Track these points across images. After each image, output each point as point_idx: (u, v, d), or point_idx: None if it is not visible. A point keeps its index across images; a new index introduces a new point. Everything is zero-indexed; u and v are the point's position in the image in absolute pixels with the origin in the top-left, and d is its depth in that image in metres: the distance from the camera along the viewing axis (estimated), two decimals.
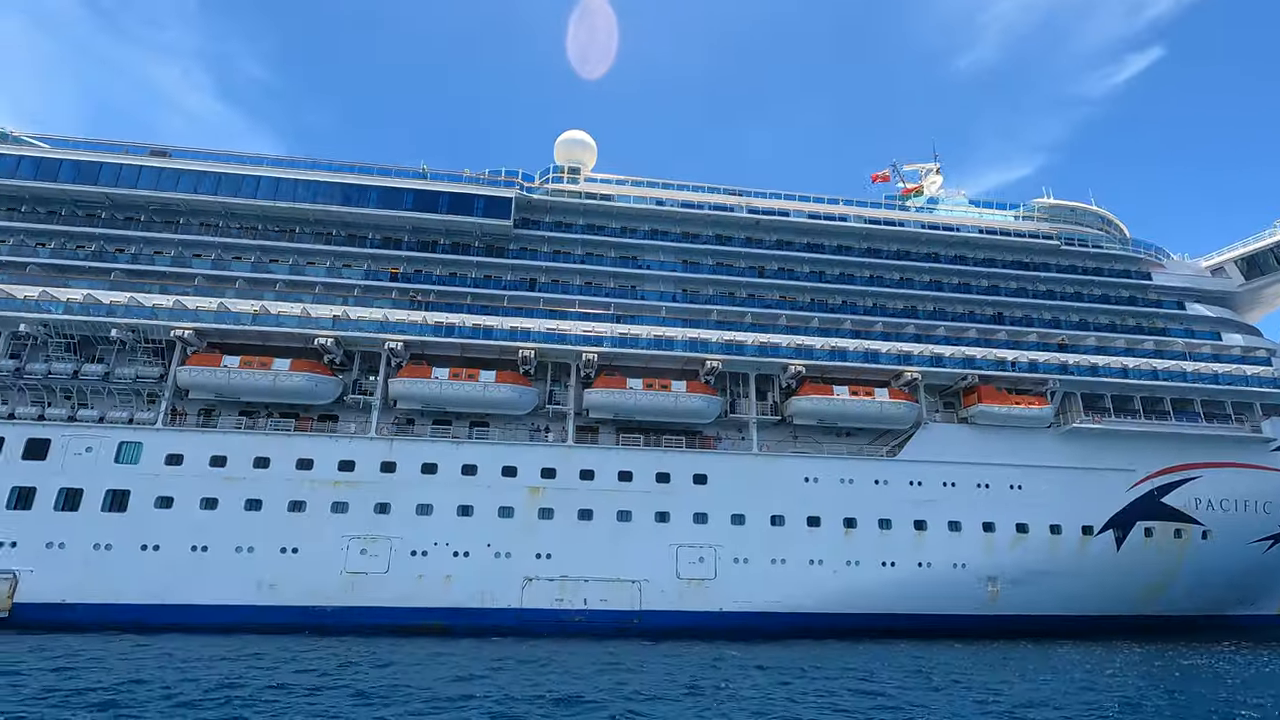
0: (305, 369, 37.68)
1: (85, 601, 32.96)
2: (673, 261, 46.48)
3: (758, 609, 37.15)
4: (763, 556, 38.15)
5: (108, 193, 40.67)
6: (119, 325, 36.92)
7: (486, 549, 36.36)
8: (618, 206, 46.54)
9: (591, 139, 50.95)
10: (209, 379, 36.94)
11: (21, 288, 37.53)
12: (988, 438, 42.38)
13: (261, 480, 35.79)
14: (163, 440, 36.05)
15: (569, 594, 36.31)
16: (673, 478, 38.95)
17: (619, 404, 39.72)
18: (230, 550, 34.61)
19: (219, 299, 38.93)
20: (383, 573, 35.27)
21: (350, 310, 39.90)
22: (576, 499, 37.82)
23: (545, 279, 44.60)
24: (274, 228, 42.95)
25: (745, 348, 42.16)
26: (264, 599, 34.16)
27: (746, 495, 39.05)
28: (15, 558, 33.24)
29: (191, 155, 43.26)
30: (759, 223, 47.54)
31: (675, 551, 37.66)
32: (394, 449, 37.47)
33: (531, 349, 39.72)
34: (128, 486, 34.95)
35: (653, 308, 43.89)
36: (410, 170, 44.84)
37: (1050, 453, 42.54)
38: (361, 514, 36.00)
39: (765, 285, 46.39)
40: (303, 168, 43.61)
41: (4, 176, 39.92)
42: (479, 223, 43.56)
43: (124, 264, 40.23)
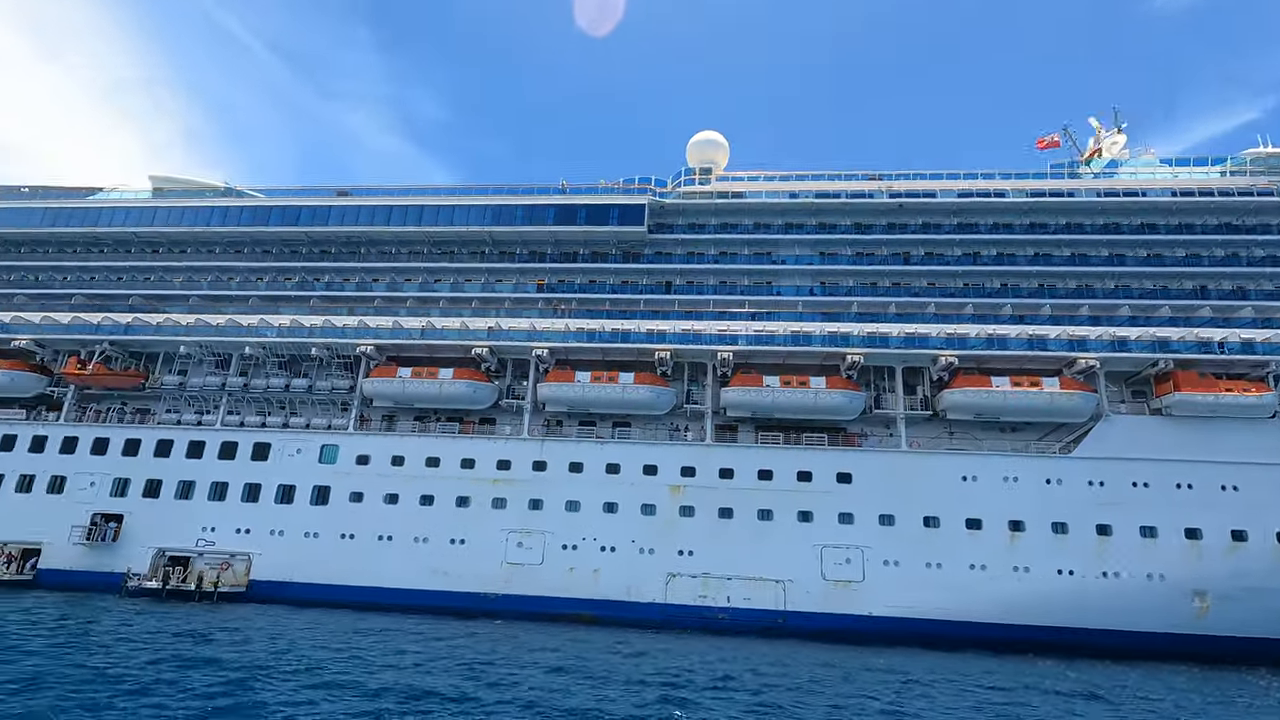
0: (466, 377, 41.47)
1: (300, 580, 38.71)
2: (809, 255, 45.26)
3: (911, 615, 35.16)
4: (915, 560, 36.06)
5: (306, 231, 47.47)
6: (317, 344, 43.00)
7: (631, 544, 37.75)
8: (749, 203, 46.18)
9: (723, 138, 50.92)
10: (387, 388, 41.85)
11: (246, 316, 44.92)
12: (1188, 431, 36.82)
13: (433, 478, 39.89)
14: (354, 443, 41.40)
15: (712, 591, 36.70)
16: (815, 476, 37.99)
17: (756, 402, 39.46)
18: (409, 540, 38.94)
19: (394, 317, 43.97)
20: (537, 564, 37.86)
21: (502, 321, 43.29)
22: (716, 497, 38.12)
23: (680, 281, 45.37)
24: (437, 250, 47.66)
25: (889, 340, 40.08)
26: (438, 584, 38.02)
27: (895, 495, 37.13)
28: (249, 542, 39.84)
29: (368, 192, 49.25)
30: (901, 206, 44.90)
31: (820, 552, 36.71)
32: (544, 449, 40.07)
33: (667, 350, 40.65)
34: (328, 483, 40.54)
35: (789, 303, 43.05)
36: (552, 187, 47.67)
37: (1276, 448, 36.06)
38: (518, 510, 38.91)
39: (911, 273, 43.75)
40: (459, 194, 47.96)
41: (231, 225, 47.96)
42: (615, 231, 45.32)
43: (320, 291, 46.73)
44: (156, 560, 39.77)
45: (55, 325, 45.49)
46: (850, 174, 46.91)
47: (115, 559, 39.82)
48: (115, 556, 39.94)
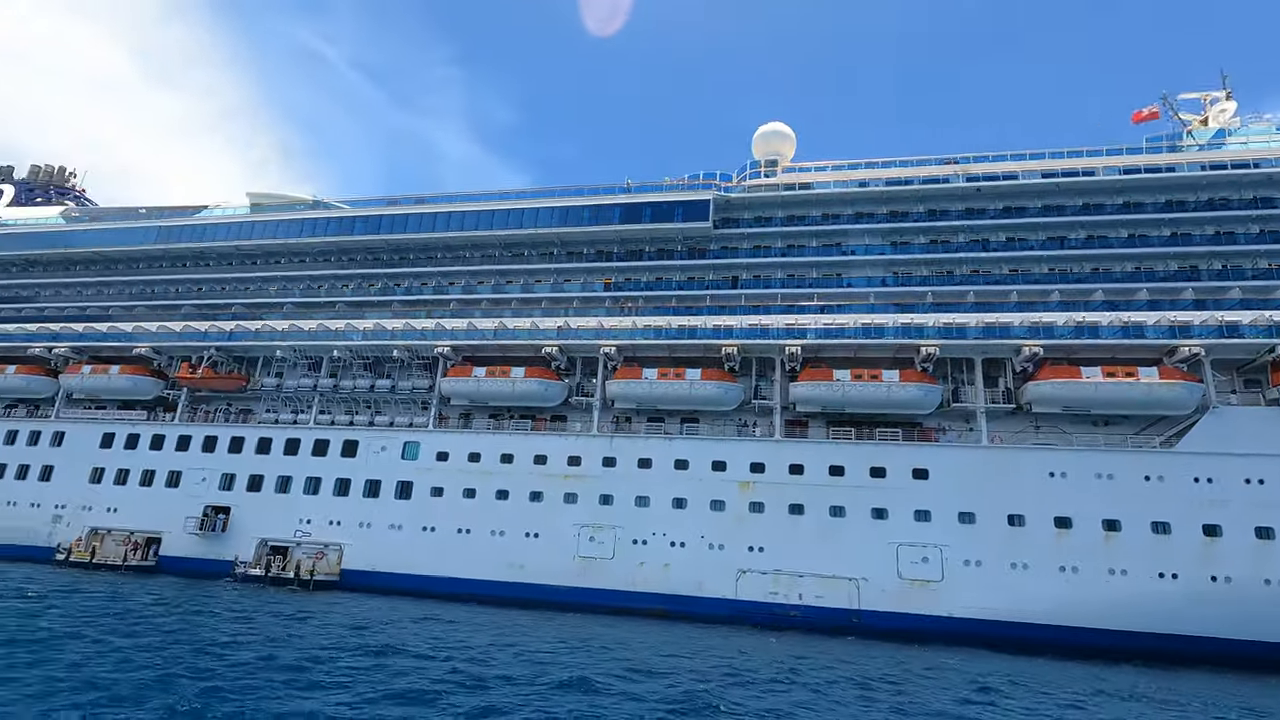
0: (536, 375, 42.62)
1: (386, 570, 40.87)
2: (880, 244, 43.97)
3: (994, 617, 33.67)
4: (998, 560, 34.50)
5: (386, 239, 49.96)
6: (398, 346, 45.22)
7: (700, 540, 37.83)
8: (816, 194, 45.25)
9: (789, 129, 50.13)
10: (463, 387, 43.53)
11: (334, 321, 47.73)
12: None
13: (507, 473, 41.23)
14: (433, 440, 43.31)
15: (783, 588, 36.33)
16: (889, 472, 36.93)
17: (826, 397, 38.72)
18: (486, 533, 40.41)
19: (468, 319, 45.67)
20: (608, 558, 38.52)
21: (571, 320, 44.19)
22: (786, 494, 37.66)
23: (747, 275, 45.04)
24: (508, 253, 49.16)
25: (967, 330, 38.41)
26: (514, 576, 39.29)
27: (976, 492, 35.61)
28: (340, 534, 42.40)
29: (442, 199, 51.30)
30: (979, 190, 42.90)
31: (895, 550, 35.68)
32: (613, 445, 40.67)
33: (734, 346, 40.44)
34: (411, 479, 42.57)
35: (859, 295, 41.99)
36: (617, 186, 48.25)
37: None
38: (588, 504, 39.68)
39: (990, 259, 41.77)
40: (527, 197, 49.28)
41: (319, 235, 51.03)
42: (680, 227, 45.42)
43: (400, 296, 49.10)
44: (260, 549, 42.91)
45: (169, 333, 49.76)
46: (923, 159, 45.19)
47: (224, 547, 43.27)
48: (224, 545, 43.39)
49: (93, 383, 49.46)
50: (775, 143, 49.49)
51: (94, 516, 46.23)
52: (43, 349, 51.14)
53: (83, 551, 44.15)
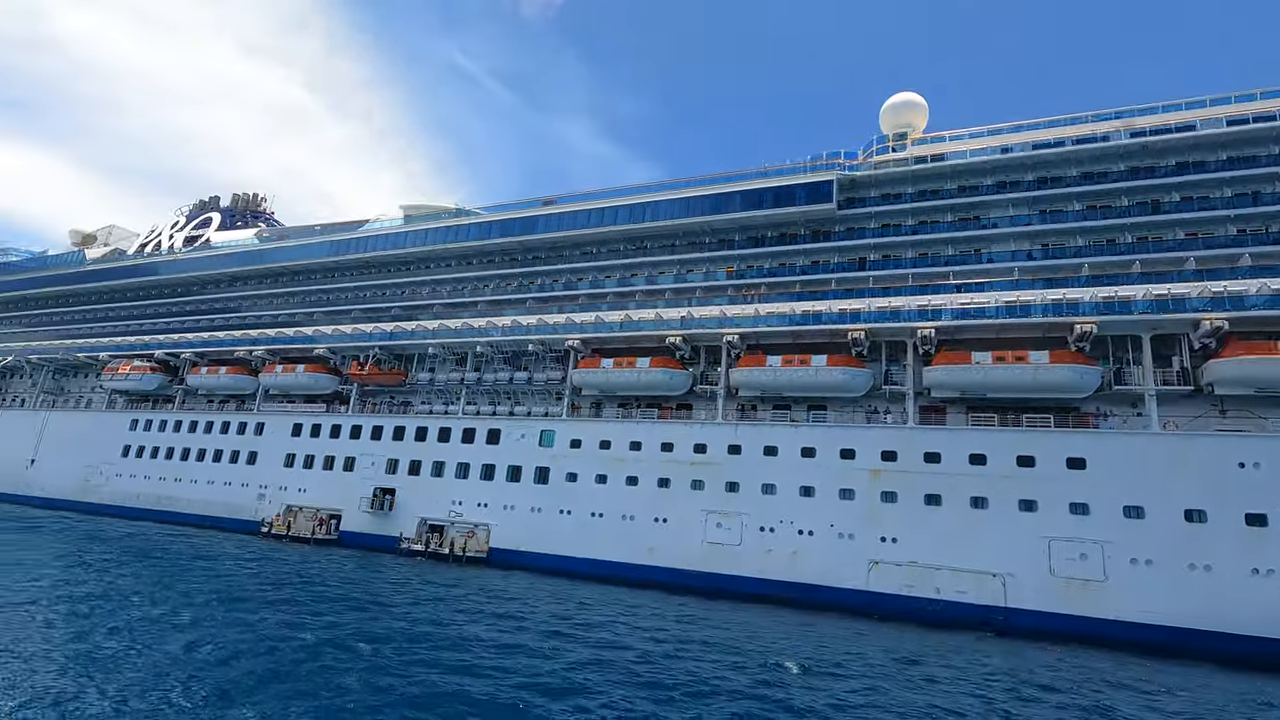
0: (661, 365, 43.65)
1: (528, 550, 43.87)
2: (1025, 215, 40.43)
3: (1171, 623, 30.20)
4: (1174, 560, 30.82)
5: (519, 240, 53.22)
6: (533, 341, 48.12)
7: (829, 529, 37.10)
8: (950, 165, 42.38)
9: (920, 98, 47.24)
10: (592, 378, 45.54)
11: (477, 320, 51.67)
12: None
13: (636, 460, 42.68)
14: (567, 428, 45.74)
15: (919, 581, 34.78)
16: (1038, 461, 34.09)
17: (964, 381, 36.41)
18: (618, 517, 42.13)
19: (596, 313, 47.63)
20: (736, 545, 38.84)
21: (694, 310, 44.77)
22: (921, 483, 35.95)
23: (875, 256, 43.23)
24: (631, 246, 50.58)
25: (1133, 304, 34.46)
26: (645, 560, 40.68)
27: (1144, 483, 32.00)
28: (487, 515, 46.05)
29: (569, 199, 53.76)
30: (1145, 147, 38.16)
31: (1047, 545, 32.97)
32: (738, 433, 40.83)
33: (861, 330, 39.07)
34: (547, 464, 45.20)
35: (1001, 271, 38.92)
36: (736, 174, 48.04)
37: None
38: (715, 491, 40.17)
39: (1162, 223, 37.11)
40: (649, 191, 50.36)
41: (461, 240, 55.39)
42: (802, 210, 44.43)
43: (534, 294, 52.17)
44: (420, 527, 47.64)
45: (341, 335, 56.31)
46: (1075, 117, 40.86)
47: (391, 525, 48.49)
48: (391, 523, 48.62)
49: (283, 380, 57.17)
50: (905, 114, 46.85)
51: (288, 495, 53.56)
52: (245, 352, 59.82)
53: (281, 525, 51.37)
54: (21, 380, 77.29)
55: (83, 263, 79.21)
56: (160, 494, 59.65)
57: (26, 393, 75.74)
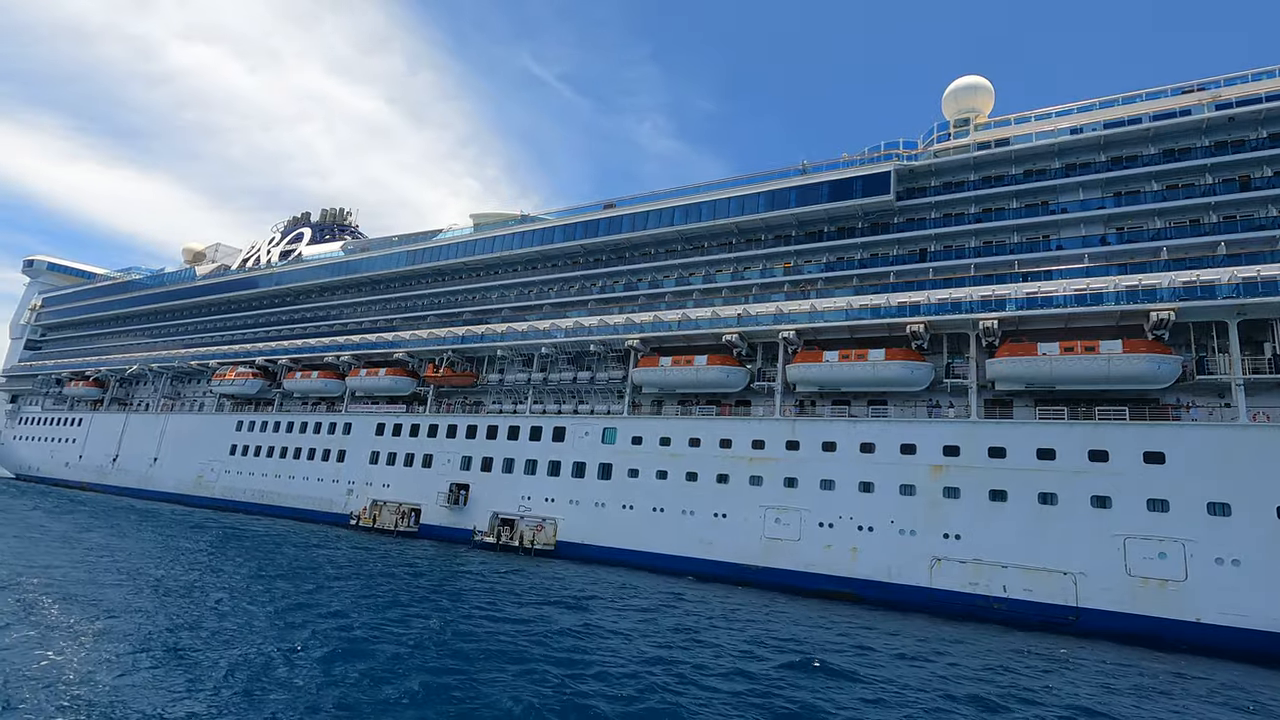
0: (719, 363, 44.22)
1: (593, 543, 45.49)
2: (1098, 198, 38.55)
3: (1262, 627, 28.41)
4: (1266, 560, 28.95)
5: (581, 244, 54.93)
6: (594, 341, 49.69)
7: (890, 525, 36.74)
8: (1015, 150, 40.85)
9: (985, 81, 45.69)
10: (651, 376, 46.62)
11: (542, 322, 53.79)
12: None
13: (695, 456, 43.46)
14: (628, 426, 47.02)
15: (984, 579, 34.01)
16: (1112, 456, 32.66)
17: (1030, 373, 35.22)
18: (678, 512, 43.08)
19: (654, 312, 48.70)
20: (795, 540, 39.03)
21: (750, 307, 45.08)
22: (986, 478, 35.07)
23: (936, 246, 42.26)
24: (689, 245, 51.32)
25: (1217, 288, 32.42)
26: (704, 553, 41.47)
27: (1231, 479, 30.17)
28: (554, 509, 47.96)
29: (628, 201, 54.95)
30: (1233, 119, 35.67)
31: (1123, 544, 31.58)
32: (796, 429, 40.92)
33: (921, 323, 38.37)
34: (610, 461, 46.72)
35: (1071, 257, 37.36)
36: (792, 169, 47.93)
37: None
38: (773, 487, 40.46)
39: (1252, 200, 34.69)
40: (704, 191, 50.86)
41: (526, 246, 57.66)
42: (859, 203, 43.92)
43: (595, 295, 53.76)
44: (492, 521, 50.08)
45: (419, 340, 59.76)
46: (1154, 92, 38.61)
47: (465, 518, 51.26)
48: (465, 516, 51.39)
49: (368, 383, 61.21)
50: (968, 98, 45.42)
51: (374, 490, 57.37)
52: (333, 357, 64.38)
53: (367, 519, 55.19)
54: (146, 386, 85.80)
55: (193, 278, 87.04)
56: (263, 489, 65.09)
57: (150, 397, 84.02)
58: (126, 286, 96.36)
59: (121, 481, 79.44)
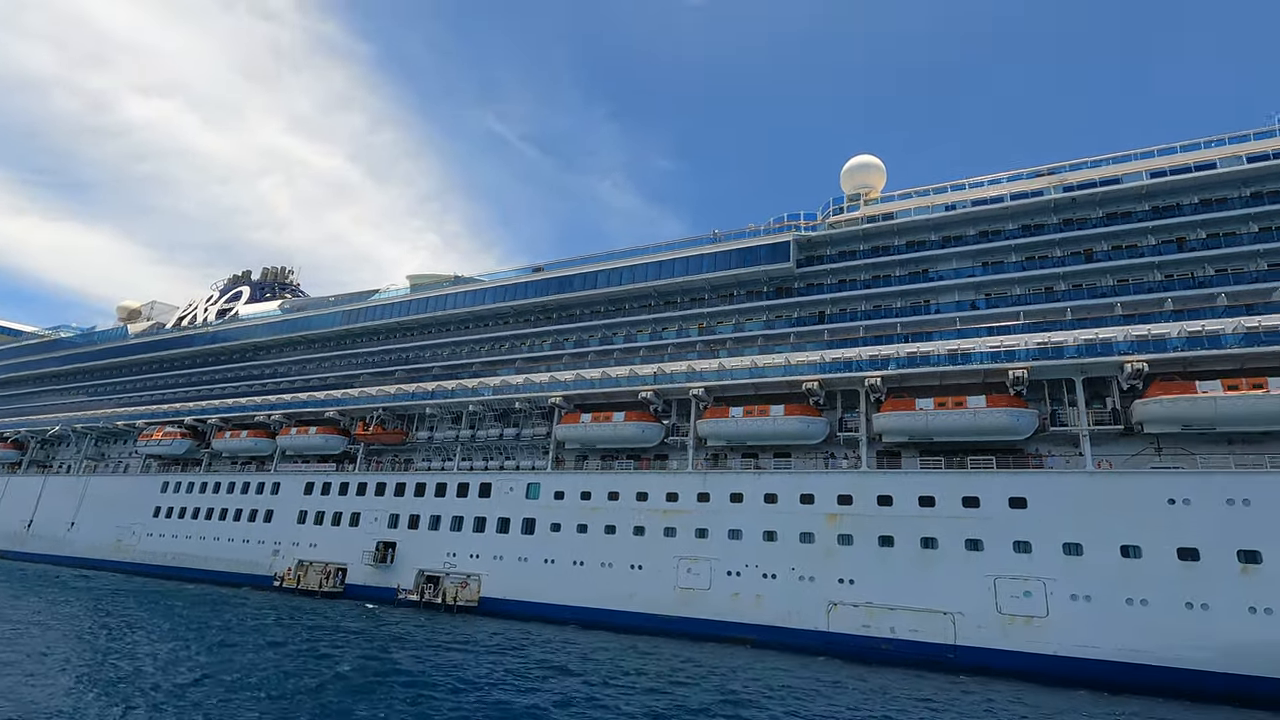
0: (635, 418, 46.49)
1: (516, 598, 46.22)
2: (970, 267, 42.88)
3: (1108, 657, 31.19)
4: (1111, 595, 31.95)
5: (510, 305, 57.31)
6: (519, 399, 51.59)
7: (791, 572, 38.85)
8: (899, 223, 45.28)
9: (877, 160, 50.71)
10: (573, 432, 48.53)
11: (471, 380, 55.41)
12: None
13: (614, 510, 45.14)
14: (551, 480, 48.55)
15: (876, 621, 36.22)
16: (983, 502, 35.75)
17: (910, 426, 38.45)
18: (597, 565, 44.39)
19: (577, 371, 50.99)
20: (705, 589, 40.73)
21: (666, 365, 47.76)
22: (875, 525, 37.69)
23: (832, 310, 45.92)
24: (612, 307, 54.12)
25: (1064, 349, 36.46)
26: (623, 605, 42.66)
27: (1082, 521, 33.40)
28: (478, 565, 48.67)
29: (557, 265, 57.85)
30: (1075, 200, 40.65)
31: (993, 583, 34.32)
32: (707, 481, 43.16)
33: (816, 380, 41.52)
34: (534, 516, 47.96)
35: (945, 321, 41.28)
36: (705, 238, 51.66)
37: None
38: (686, 538, 42.32)
39: (1093, 271, 39.27)
40: (629, 256, 54.01)
41: (456, 307, 59.72)
42: (764, 269, 47.55)
43: (523, 354, 55.87)
44: (418, 579, 50.37)
45: (350, 398, 60.59)
46: (1014, 174, 43.69)
47: (391, 576, 51.37)
48: (392, 574, 51.51)
49: (298, 441, 61.39)
50: (862, 175, 50.22)
51: (301, 551, 56.98)
52: (264, 416, 64.41)
53: (291, 579, 54.67)
54: (68, 448, 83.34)
55: (124, 337, 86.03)
56: (184, 552, 63.68)
57: (72, 459, 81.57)
58: (53, 345, 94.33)
59: (34, 548, 76.30)
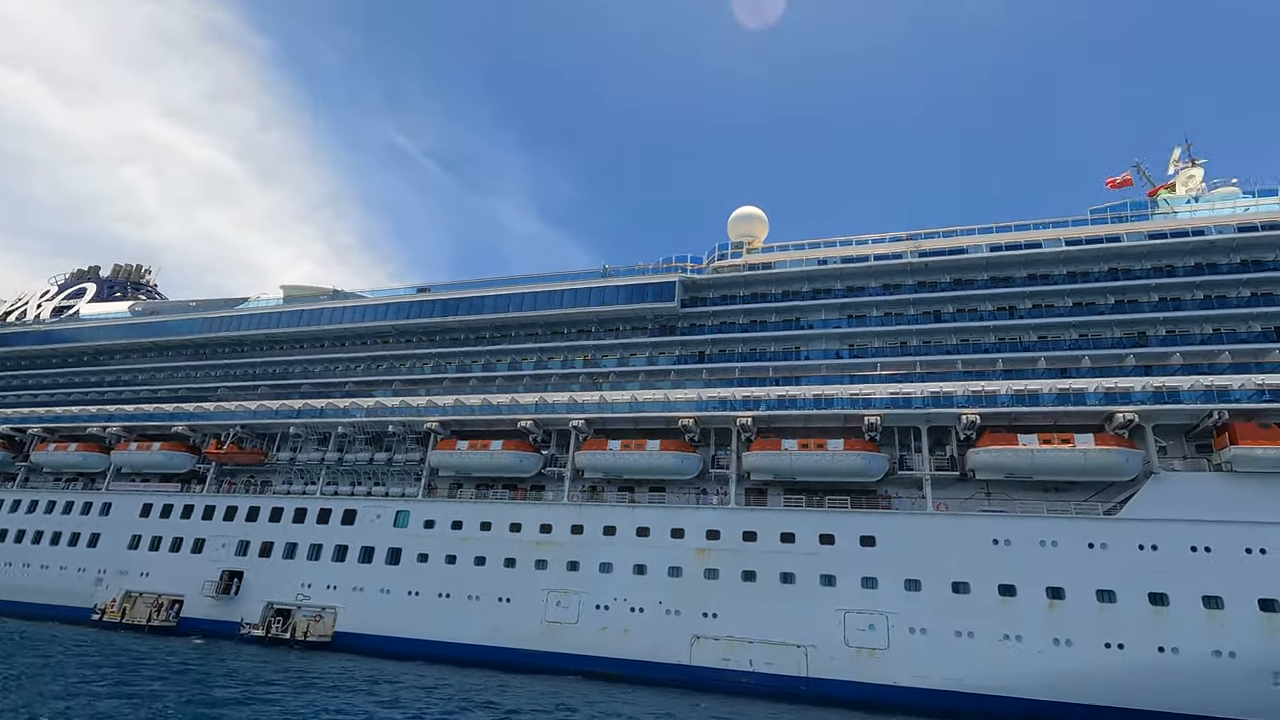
0: (513, 448, 45.94)
1: (374, 633, 43.73)
2: (837, 319, 46.20)
3: (939, 686, 33.79)
4: (944, 628, 34.80)
5: (393, 324, 55.36)
6: (394, 422, 49.59)
7: (658, 605, 39.37)
8: (777, 273, 48.19)
9: (760, 212, 53.78)
10: (448, 459, 47.21)
11: (343, 400, 52.73)
12: (1258, 489, 33.33)
13: (485, 540, 44.04)
14: (421, 509, 46.76)
15: (736, 654, 37.31)
16: (837, 539, 38.04)
17: (775, 465, 40.48)
18: (464, 597, 42.99)
19: (457, 396, 49.81)
20: (573, 623, 40.40)
21: (548, 396, 47.70)
22: (740, 560, 39.08)
23: (712, 350, 47.81)
24: (498, 334, 53.60)
25: (912, 400, 39.90)
26: (488, 640, 41.42)
27: (921, 559, 36.29)
28: (335, 597, 45.74)
29: (445, 287, 56.63)
30: (927, 266, 45.00)
31: (843, 617, 36.42)
32: (581, 513, 43.16)
33: (691, 417, 42.93)
34: (400, 545, 45.87)
35: (813, 367, 44.08)
36: (595, 271, 52.54)
37: None
38: (557, 570, 41.93)
39: (940, 330, 43.43)
40: (518, 284, 53.81)
41: (335, 323, 56.90)
42: (650, 307, 48.87)
43: (402, 376, 53.96)
44: (265, 612, 46.57)
45: (203, 412, 55.86)
46: (879, 237, 47.76)
47: (235, 610, 47.19)
48: (236, 607, 47.33)
49: (137, 458, 55.65)
50: (746, 225, 53.06)
51: (130, 580, 51.23)
52: (98, 428, 57.96)
53: (115, 612, 48.93)
54: None
55: None
56: None
57: None
58: None
59: None
